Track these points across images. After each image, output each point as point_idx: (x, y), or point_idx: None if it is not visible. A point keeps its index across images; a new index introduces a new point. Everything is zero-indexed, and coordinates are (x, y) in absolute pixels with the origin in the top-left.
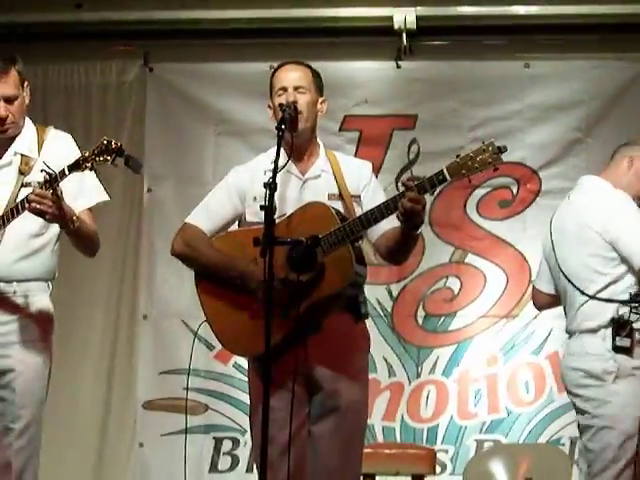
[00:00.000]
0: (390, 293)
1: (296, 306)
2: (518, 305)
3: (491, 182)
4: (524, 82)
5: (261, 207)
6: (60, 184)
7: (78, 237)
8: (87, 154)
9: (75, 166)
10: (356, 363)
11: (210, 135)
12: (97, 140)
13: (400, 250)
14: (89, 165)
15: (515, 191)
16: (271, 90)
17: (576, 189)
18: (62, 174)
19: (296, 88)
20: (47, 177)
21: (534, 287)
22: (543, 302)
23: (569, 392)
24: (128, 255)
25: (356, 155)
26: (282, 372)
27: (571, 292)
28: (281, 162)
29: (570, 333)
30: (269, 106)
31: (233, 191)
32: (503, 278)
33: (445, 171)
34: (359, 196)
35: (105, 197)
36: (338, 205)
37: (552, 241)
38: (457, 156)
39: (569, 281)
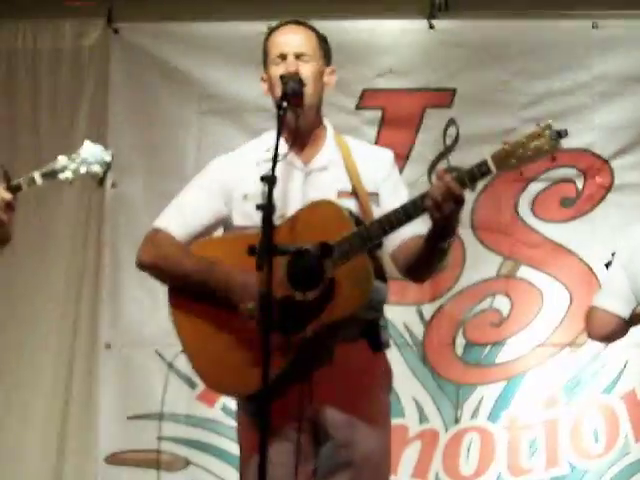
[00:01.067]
0: (421, 316)
1: (300, 332)
2: (584, 331)
3: (550, 174)
4: (592, 47)
5: (258, 206)
6: None
7: None
8: (66, 161)
9: (48, 175)
10: (375, 404)
11: (192, 115)
12: (45, 121)
13: (423, 265)
14: (68, 176)
15: (580, 186)
16: (265, 57)
17: None
18: (31, 182)
19: (298, 55)
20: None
21: (599, 309)
22: (613, 329)
23: None
24: (86, 268)
25: (378, 140)
26: (281, 416)
27: None
28: (281, 150)
29: None
30: (262, 78)
31: (215, 188)
32: (565, 296)
33: (490, 161)
34: (377, 193)
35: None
36: (351, 204)
37: None
38: (505, 142)
39: None
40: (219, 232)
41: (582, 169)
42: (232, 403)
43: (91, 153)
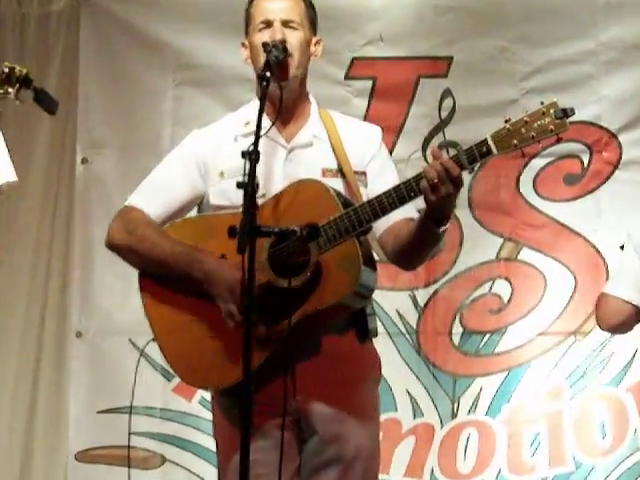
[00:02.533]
0: (415, 302)
1: (283, 321)
2: (590, 318)
3: (553, 149)
4: (597, 12)
5: (239, 184)
6: None
7: None
8: None
9: None
10: (363, 397)
11: (167, 85)
12: None
13: (414, 251)
14: None
15: (586, 162)
16: (247, 23)
17: None
18: None
19: (285, 23)
20: None
21: (609, 296)
22: (626, 319)
23: None
24: (54, 252)
25: (368, 112)
26: (262, 411)
27: None
28: (262, 124)
29: None
30: (244, 45)
31: (191, 163)
32: (570, 280)
33: (490, 141)
34: (364, 173)
35: (10, 177)
36: (337, 184)
37: None
38: (506, 121)
39: None
40: (194, 212)
41: (588, 143)
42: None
43: (5, 75)
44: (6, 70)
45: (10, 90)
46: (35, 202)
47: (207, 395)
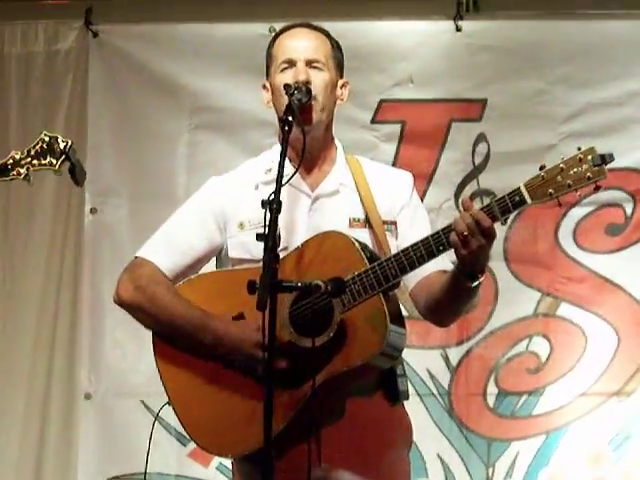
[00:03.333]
0: (447, 361)
1: (306, 383)
2: (634, 377)
3: (594, 198)
4: None
5: (258, 236)
6: None
7: None
8: (19, 155)
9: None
10: (394, 464)
11: (182, 129)
12: (14, 136)
13: (448, 307)
14: (23, 172)
15: (630, 211)
16: (269, 64)
17: None
18: None
19: (309, 63)
20: None
21: None
22: None
23: None
24: (61, 307)
25: (397, 158)
26: (285, 479)
27: None
28: (285, 172)
29: None
30: (265, 86)
31: (208, 214)
32: (612, 337)
33: (523, 190)
34: (394, 222)
35: None
36: (364, 235)
37: None
38: (541, 168)
39: None
40: (210, 266)
41: (631, 191)
42: (229, 462)
43: (47, 144)
44: (47, 139)
45: (54, 162)
46: (41, 255)
47: (225, 461)
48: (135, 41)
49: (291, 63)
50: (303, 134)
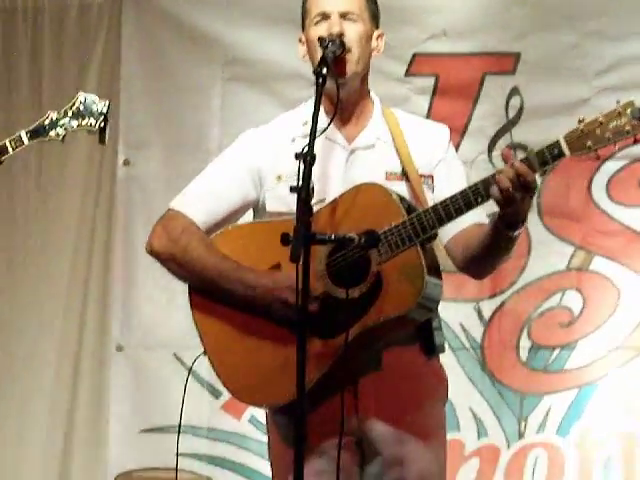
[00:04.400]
0: (480, 314)
1: (340, 334)
2: None
3: (628, 151)
4: None
5: (292, 188)
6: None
7: None
8: (57, 115)
9: (37, 132)
10: (429, 417)
11: (215, 81)
12: (48, 89)
13: (486, 258)
14: (61, 132)
15: None
16: (304, 17)
17: None
18: (17, 142)
19: (343, 15)
20: None
21: None
22: None
23: None
24: (94, 259)
25: (431, 111)
26: (320, 430)
27: None
28: (320, 124)
29: None
30: (300, 40)
31: (243, 168)
32: None
33: (563, 142)
34: (431, 176)
35: None
36: (401, 188)
37: None
38: (580, 121)
39: None
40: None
41: None
42: (262, 414)
43: (84, 105)
44: (83, 99)
45: (93, 123)
46: (73, 207)
47: (257, 413)
48: None
49: (325, 16)
50: (337, 87)
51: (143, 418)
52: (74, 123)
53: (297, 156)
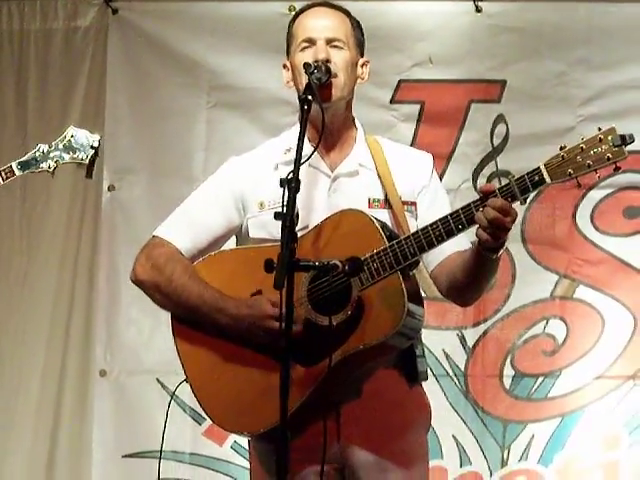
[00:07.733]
0: (463, 342)
1: (322, 361)
2: None
3: (613, 180)
4: None
5: (276, 215)
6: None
7: None
8: (47, 148)
9: (28, 164)
10: (411, 444)
11: (200, 107)
12: (33, 114)
13: (470, 284)
14: (52, 165)
15: None
16: (289, 43)
17: None
18: (8, 172)
19: (329, 41)
20: None
21: None
22: None
23: None
24: (78, 283)
25: (416, 138)
26: (301, 457)
27: None
28: (305, 151)
29: None
30: (285, 66)
31: (227, 194)
32: (629, 320)
33: (543, 169)
34: (414, 203)
35: None
36: (384, 215)
37: None
38: (561, 148)
39: None
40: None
41: None
42: (244, 440)
43: (75, 139)
44: (74, 133)
45: (84, 158)
46: (58, 232)
47: (240, 439)
48: (154, 19)
49: (311, 42)
50: (322, 111)
51: (126, 443)
52: (65, 156)
53: (282, 182)
